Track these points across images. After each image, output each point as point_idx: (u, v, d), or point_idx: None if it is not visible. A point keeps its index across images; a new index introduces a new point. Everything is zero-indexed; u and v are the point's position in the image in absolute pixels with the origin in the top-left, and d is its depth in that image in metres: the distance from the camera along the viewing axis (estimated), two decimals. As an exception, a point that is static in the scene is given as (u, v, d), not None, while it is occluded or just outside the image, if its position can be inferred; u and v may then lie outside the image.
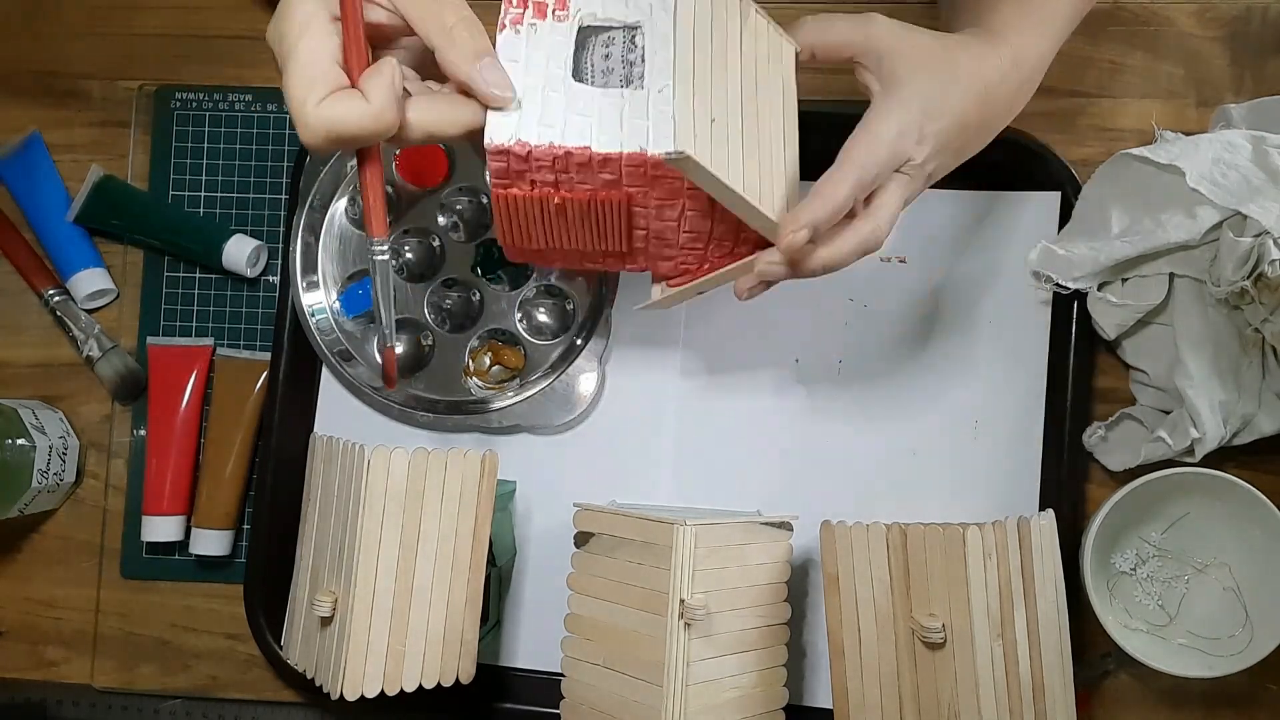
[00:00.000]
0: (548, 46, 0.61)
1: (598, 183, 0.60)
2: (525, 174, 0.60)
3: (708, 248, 0.66)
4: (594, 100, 0.60)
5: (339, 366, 0.82)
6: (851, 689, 0.71)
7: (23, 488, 0.80)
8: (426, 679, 0.71)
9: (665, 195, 0.62)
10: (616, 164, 0.59)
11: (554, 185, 0.60)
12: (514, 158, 0.59)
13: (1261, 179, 0.71)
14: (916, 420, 0.80)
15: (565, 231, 0.63)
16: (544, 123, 0.59)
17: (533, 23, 0.61)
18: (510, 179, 0.60)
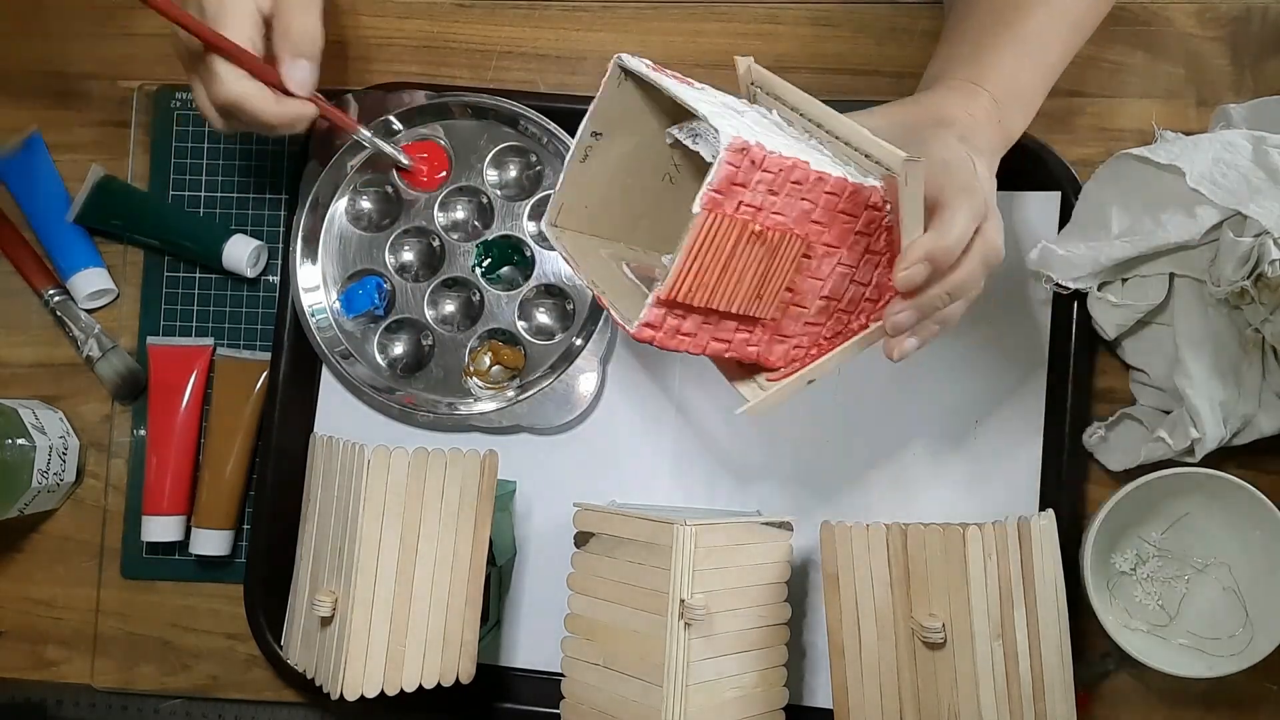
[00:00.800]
0: (710, 95, 0.63)
1: (794, 213, 0.59)
2: (741, 191, 0.57)
3: (827, 323, 0.65)
4: (786, 135, 0.61)
5: (339, 366, 0.82)
6: (851, 689, 0.71)
7: (23, 488, 0.80)
8: (426, 679, 0.71)
9: (835, 240, 0.61)
10: (822, 188, 0.59)
11: (755, 213, 0.58)
12: (749, 160, 0.56)
13: (1261, 179, 0.71)
14: (916, 420, 0.80)
15: (738, 279, 0.59)
16: (763, 137, 0.58)
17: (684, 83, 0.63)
18: (727, 192, 0.56)
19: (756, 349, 0.64)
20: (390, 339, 0.83)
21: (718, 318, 0.61)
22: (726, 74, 0.84)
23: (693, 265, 0.57)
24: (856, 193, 0.60)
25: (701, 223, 0.56)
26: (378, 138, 0.81)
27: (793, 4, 0.85)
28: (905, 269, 0.58)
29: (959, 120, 0.64)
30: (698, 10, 0.86)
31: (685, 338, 0.61)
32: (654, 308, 0.58)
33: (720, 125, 0.56)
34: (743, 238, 0.58)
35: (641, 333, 0.59)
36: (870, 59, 0.84)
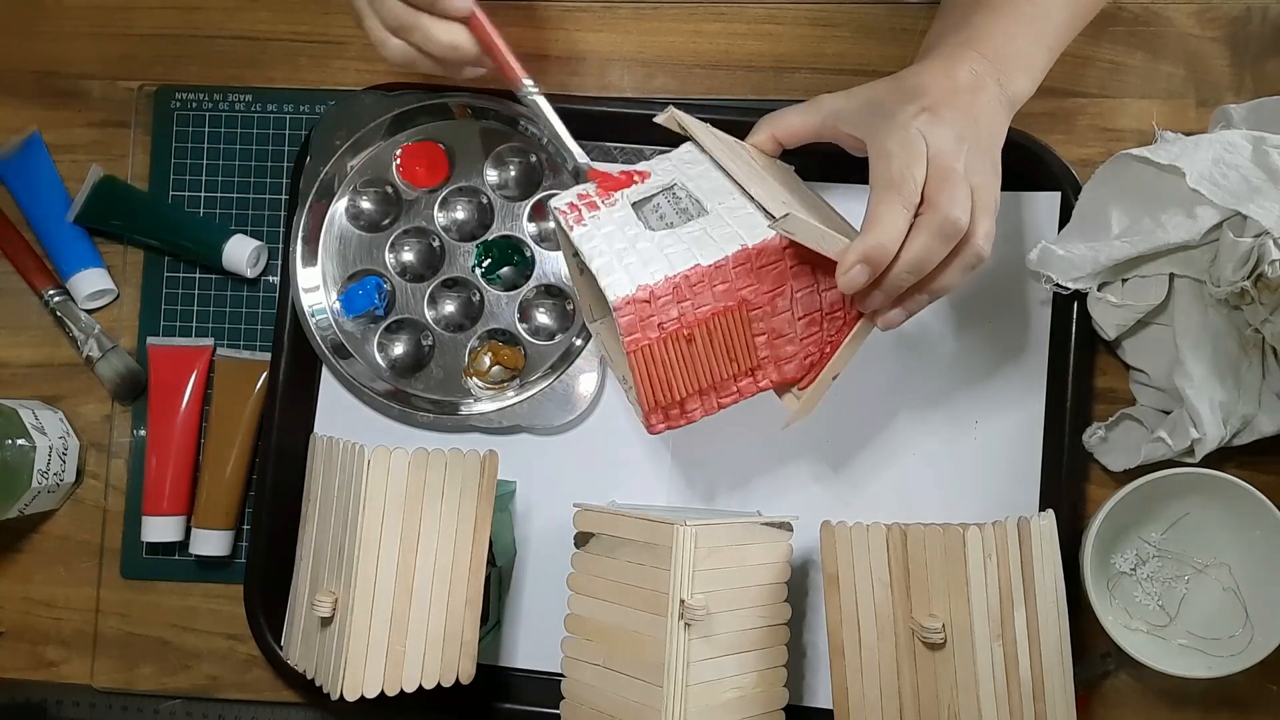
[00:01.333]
0: (614, 221, 0.68)
1: (715, 297, 0.65)
2: (652, 319, 0.64)
3: (824, 327, 0.68)
4: (678, 237, 0.66)
5: (339, 366, 0.82)
6: (851, 689, 0.71)
7: (23, 488, 0.80)
8: (426, 679, 0.71)
9: (773, 284, 0.66)
10: (726, 268, 0.64)
11: (678, 321, 0.64)
12: (639, 304, 0.63)
13: (1261, 179, 0.71)
14: (916, 420, 0.80)
15: (699, 366, 0.66)
16: (649, 266, 0.64)
17: (592, 215, 0.69)
18: (640, 330, 0.64)
19: (768, 381, 0.69)
20: (390, 339, 0.83)
21: (711, 388, 0.68)
22: (726, 74, 0.85)
23: (650, 385, 0.66)
24: (763, 250, 0.64)
25: (633, 361, 0.64)
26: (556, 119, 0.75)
27: (793, 4, 0.85)
28: (843, 275, 0.61)
29: (931, 89, 0.64)
30: (698, 10, 0.86)
31: (694, 411, 0.68)
32: (649, 415, 0.67)
33: (605, 284, 0.63)
34: (677, 343, 0.65)
35: (654, 430, 0.68)
36: (870, 59, 0.84)
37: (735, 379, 0.68)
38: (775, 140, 0.71)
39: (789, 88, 0.84)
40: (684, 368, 0.66)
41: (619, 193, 0.71)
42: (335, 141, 0.82)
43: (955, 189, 0.61)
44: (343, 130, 0.82)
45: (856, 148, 0.67)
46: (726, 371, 0.67)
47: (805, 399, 0.69)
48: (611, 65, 0.86)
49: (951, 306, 0.81)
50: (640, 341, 0.64)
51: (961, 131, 0.63)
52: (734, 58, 0.85)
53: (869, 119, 0.65)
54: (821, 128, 0.69)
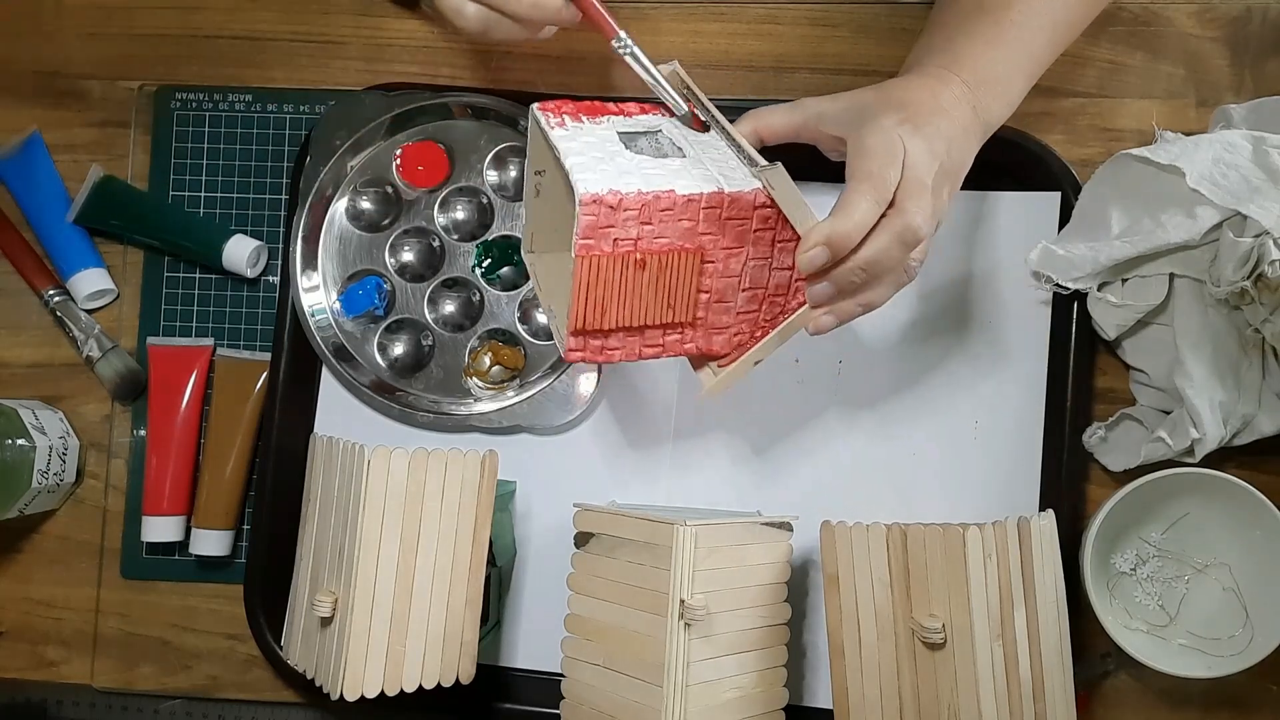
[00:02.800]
0: (597, 135, 0.67)
1: (676, 233, 0.64)
2: (610, 230, 0.62)
3: (762, 308, 0.68)
4: (658, 164, 0.65)
5: (339, 366, 0.82)
6: (851, 689, 0.71)
7: (23, 488, 0.80)
8: (426, 679, 0.71)
9: (733, 242, 0.65)
10: (697, 206, 0.63)
11: (634, 243, 0.63)
12: (605, 208, 0.62)
13: (1261, 179, 0.71)
14: (916, 420, 0.80)
15: (638, 300, 0.65)
16: (624, 178, 0.63)
17: (575, 124, 0.68)
18: (596, 236, 0.62)
19: (694, 344, 0.69)
20: (390, 339, 0.83)
21: (639, 330, 0.67)
22: (726, 74, 0.85)
23: (586, 301, 0.64)
24: (736, 200, 0.64)
25: (579, 268, 0.63)
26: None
27: (793, 4, 0.85)
28: (804, 253, 0.62)
29: (915, 104, 0.65)
30: (698, 10, 0.86)
31: (614, 350, 0.67)
32: (571, 337, 0.65)
33: (577, 179, 0.62)
34: (626, 267, 0.64)
35: (570, 356, 0.66)
36: (870, 59, 0.84)
37: (665, 330, 0.67)
38: (757, 135, 0.71)
39: (789, 88, 0.84)
40: (623, 296, 0.65)
41: (607, 117, 0.70)
42: (335, 141, 0.82)
43: (923, 199, 0.62)
44: (343, 130, 0.82)
45: (835, 149, 0.68)
46: (661, 317, 0.66)
47: (723, 376, 0.69)
48: (612, 65, 0.86)
49: (952, 306, 0.81)
50: (592, 250, 0.62)
51: (936, 149, 0.64)
52: (734, 58, 0.85)
53: (852, 120, 0.66)
54: (803, 128, 0.70)
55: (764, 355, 0.68)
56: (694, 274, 0.65)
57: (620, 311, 0.65)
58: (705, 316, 0.67)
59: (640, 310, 0.65)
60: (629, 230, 0.63)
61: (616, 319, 0.65)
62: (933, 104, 0.66)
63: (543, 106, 0.69)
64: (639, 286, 0.65)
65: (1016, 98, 0.71)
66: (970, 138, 0.68)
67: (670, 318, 0.66)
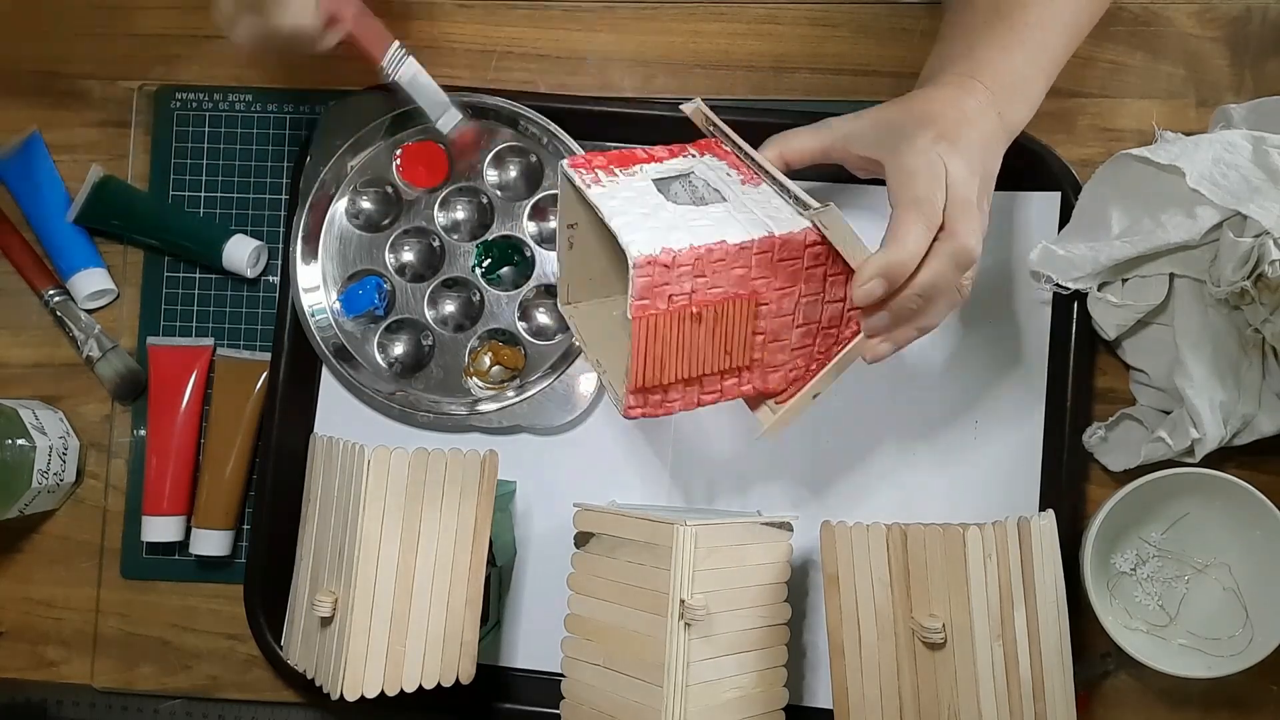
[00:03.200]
0: (634, 189, 0.66)
1: (730, 281, 0.63)
2: (665, 289, 0.61)
3: (816, 341, 0.68)
4: (703, 213, 0.64)
5: (339, 366, 0.82)
6: (851, 689, 0.71)
7: (23, 488, 0.80)
8: (426, 679, 0.71)
9: (786, 282, 0.65)
10: (749, 253, 0.62)
11: (689, 296, 0.62)
12: (659, 267, 0.61)
13: (1261, 179, 0.71)
14: (916, 420, 0.80)
15: (696, 352, 0.64)
16: (673, 234, 0.62)
17: (610, 179, 0.66)
18: (651, 296, 0.61)
19: (750, 386, 0.68)
20: (390, 339, 0.83)
21: (697, 381, 0.66)
22: (726, 74, 0.85)
23: (645, 359, 0.63)
24: (788, 242, 0.63)
25: (637, 329, 0.62)
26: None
27: (793, 4, 0.85)
28: (861, 286, 0.61)
29: (943, 117, 0.64)
30: (698, 10, 0.86)
31: (674, 403, 0.66)
32: (630, 395, 0.64)
33: (627, 241, 0.60)
34: (683, 321, 0.63)
35: (630, 414, 0.65)
36: (871, 59, 0.84)
37: (723, 376, 0.67)
38: (784, 160, 0.70)
39: (789, 88, 0.84)
40: (680, 350, 0.64)
41: (638, 166, 0.68)
42: (335, 141, 0.82)
43: (972, 219, 0.62)
44: (343, 130, 0.82)
45: (866, 169, 0.67)
46: (718, 365, 0.66)
47: (783, 413, 0.68)
48: (611, 65, 0.86)
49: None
50: (649, 310, 0.61)
51: (974, 165, 0.64)
52: (734, 58, 0.85)
53: (884, 140, 0.65)
54: (831, 149, 0.69)
55: (822, 388, 0.67)
56: (749, 319, 0.65)
57: (679, 366, 0.64)
58: (761, 357, 0.67)
59: (698, 361, 0.65)
60: (683, 285, 0.62)
61: (675, 373, 0.64)
62: (960, 116, 0.65)
63: (573, 163, 0.67)
64: (696, 339, 0.64)
65: (1037, 99, 0.71)
66: (997, 144, 0.67)
67: (727, 364, 0.66)
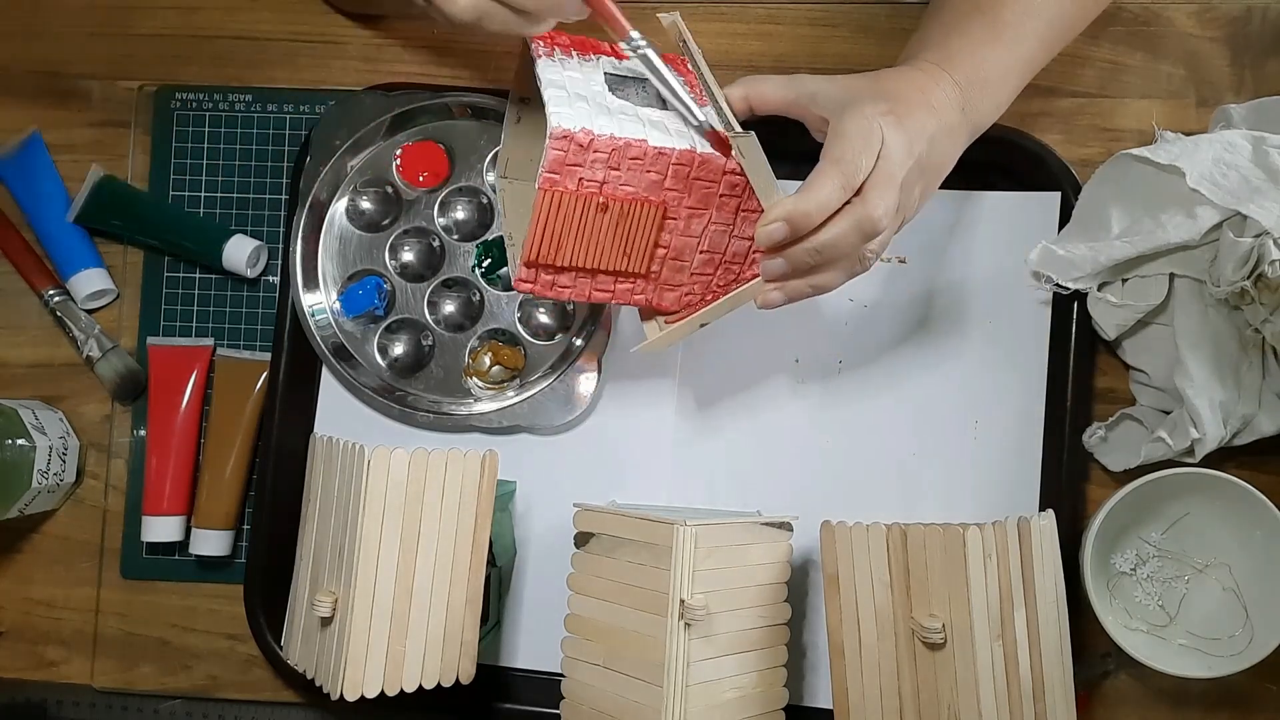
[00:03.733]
0: (582, 72, 0.67)
1: (643, 184, 0.64)
2: (578, 169, 0.63)
3: (716, 273, 0.69)
4: (636, 113, 0.65)
5: (339, 366, 0.82)
6: (851, 689, 0.71)
7: (23, 488, 0.80)
8: (426, 679, 0.71)
9: (697, 203, 0.66)
10: (667, 161, 0.63)
11: (599, 186, 0.63)
12: (575, 145, 0.62)
13: (1261, 179, 0.71)
14: (916, 420, 0.80)
15: (596, 243, 0.66)
16: (598, 119, 0.63)
17: (564, 57, 0.68)
18: (562, 172, 0.62)
19: (644, 296, 0.70)
20: (390, 339, 0.83)
21: (592, 273, 0.67)
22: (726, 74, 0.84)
23: (543, 234, 0.64)
24: (707, 161, 0.64)
25: (540, 200, 0.63)
26: None
27: (793, 4, 0.85)
28: (764, 226, 0.63)
29: (903, 97, 0.66)
30: (698, 10, 0.86)
31: (564, 289, 0.68)
32: (523, 267, 0.66)
33: (552, 111, 0.62)
34: (588, 208, 0.64)
35: (518, 285, 0.67)
36: (870, 60, 0.84)
37: (617, 278, 0.68)
38: (748, 102, 0.71)
39: (789, 88, 0.84)
40: (580, 236, 0.65)
41: (598, 57, 0.70)
42: (335, 141, 0.82)
43: (888, 192, 0.63)
44: (343, 130, 0.82)
45: (821, 130, 0.68)
46: (615, 264, 0.67)
47: (668, 332, 0.70)
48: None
49: (952, 306, 0.81)
50: (556, 185, 0.63)
51: (914, 146, 0.64)
52: (734, 58, 0.85)
53: (840, 104, 0.66)
54: (795, 104, 0.69)
55: (710, 319, 0.69)
56: (654, 227, 0.66)
57: (576, 250, 0.65)
58: (660, 271, 0.68)
59: (596, 253, 0.66)
60: (596, 172, 0.63)
61: (571, 257, 0.66)
62: (921, 100, 0.66)
63: (537, 36, 0.68)
64: (598, 229, 0.65)
65: (1007, 99, 0.71)
66: (956, 138, 0.68)
67: (625, 266, 0.67)
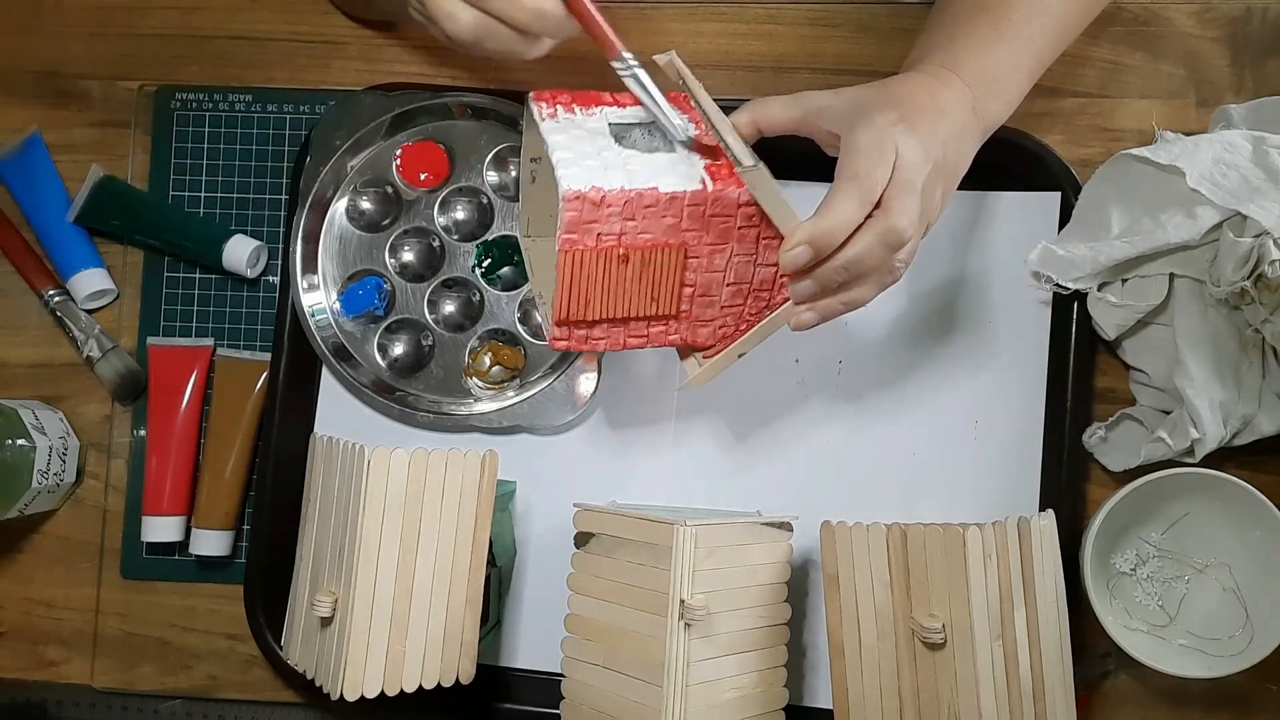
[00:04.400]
0: (587, 128, 0.68)
1: (660, 229, 0.64)
2: (594, 226, 0.64)
3: (747, 302, 0.69)
4: (644, 160, 0.66)
5: (339, 366, 0.82)
6: (851, 689, 0.71)
7: (23, 488, 0.80)
8: (426, 679, 0.71)
9: (717, 239, 0.66)
10: (680, 204, 0.64)
11: (617, 238, 0.64)
12: (588, 204, 0.63)
13: (1261, 179, 0.71)
14: (916, 420, 0.80)
15: (622, 293, 0.66)
16: (609, 174, 0.64)
17: (567, 115, 0.68)
18: (580, 231, 0.63)
19: (678, 336, 0.70)
20: (390, 339, 0.83)
21: (624, 321, 0.68)
22: (726, 74, 0.85)
23: (570, 293, 0.65)
24: (720, 198, 0.65)
25: (561, 261, 0.64)
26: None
27: (793, 4, 0.85)
28: (786, 251, 0.62)
29: (912, 102, 0.65)
30: (698, 10, 0.86)
31: (599, 340, 0.68)
32: (555, 326, 0.67)
33: (561, 174, 0.63)
34: (610, 261, 0.65)
35: (555, 344, 0.68)
36: (871, 60, 0.84)
37: (650, 322, 0.68)
38: (755, 125, 0.71)
39: (789, 88, 0.83)
40: (606, 289, 0.66)
41: (600, 109, 0.70)
42: (335, 141, 0.82)
43: (910, 200, 0.62)
44: (343, 130, 0.82)
45: (832, 145, 0.68)
46: (645, 310, 0.67)
47: (708, 367, 0.70)
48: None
49: (952, 306, 0.81)
50: (576, 245, 0.64)
51: (929, 151, 0.64)
52: (734, 58, 0.85)
53: (849, 117, 0.66)
54: (803, 122, 0.69)
55: (748, 349, 0.69)
56: (677, 269, 0.66)
57: (604, 304, 0.66)
58: (690, 309, 0.68)
59: (624, 303, 0.66)
60: (612, 226, 0.64)
61: (601, 311, 0.66)
62: (931, 104, 0.66)
63: (538, 96, 0.70)
64: (622, 280, 0.65)
65: (1017, 98, 0.71)
66: (968, 139, 0.68)
67: (654, 310, 0.67)
